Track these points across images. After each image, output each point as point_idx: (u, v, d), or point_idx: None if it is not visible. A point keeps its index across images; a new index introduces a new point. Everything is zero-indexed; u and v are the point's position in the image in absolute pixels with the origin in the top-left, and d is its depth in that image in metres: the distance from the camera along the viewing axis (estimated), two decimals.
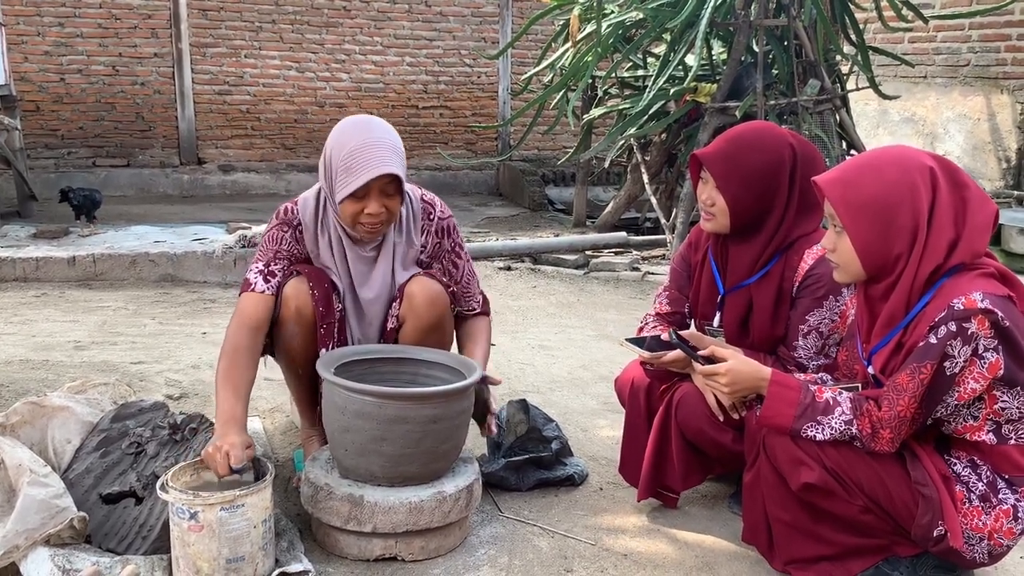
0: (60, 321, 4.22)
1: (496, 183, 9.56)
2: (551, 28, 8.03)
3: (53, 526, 1.93)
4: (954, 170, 1.89)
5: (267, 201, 8.30)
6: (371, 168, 2.23)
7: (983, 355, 1.79)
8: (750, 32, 5.85)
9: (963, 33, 7.38)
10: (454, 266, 2.57)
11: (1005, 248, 5.86)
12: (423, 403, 2.14)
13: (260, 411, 3.10)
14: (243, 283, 2.42)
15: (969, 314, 1.77)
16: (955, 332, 1.78)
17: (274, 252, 2.42)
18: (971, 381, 1.81)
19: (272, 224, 2.47)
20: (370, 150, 2.25)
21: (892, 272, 1.89)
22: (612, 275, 5.68)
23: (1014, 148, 7.10)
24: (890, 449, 1.89)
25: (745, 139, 2.29)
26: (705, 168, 2.32)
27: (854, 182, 1.89)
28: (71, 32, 8.19)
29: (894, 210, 1.84)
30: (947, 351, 1.79)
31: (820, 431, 1.91)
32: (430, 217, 2.52)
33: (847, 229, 1.89)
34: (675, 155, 6.60)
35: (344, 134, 2.32)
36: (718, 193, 2.29)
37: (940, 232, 1.84)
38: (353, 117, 2.40)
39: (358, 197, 2.27)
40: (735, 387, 2.02)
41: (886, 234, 1.85)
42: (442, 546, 2.21)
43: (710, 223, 2.35)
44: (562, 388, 3.53)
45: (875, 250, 1.87)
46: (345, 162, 2.26)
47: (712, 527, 2.41)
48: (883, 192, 1.85)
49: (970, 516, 1.88)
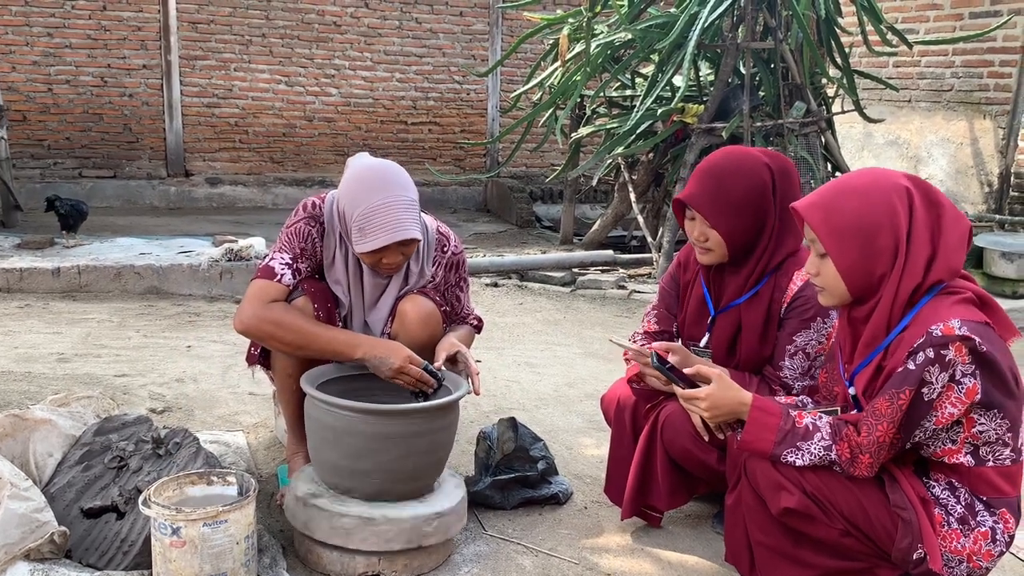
0: (43, 333, 4.19)
1: (484, 199, 9.58)
2: (540, 47, 8.07)
3: (33, 540, 1.91)
4: (929, 189, 1.92)
5: (254, 215, 8.29)
6: (386, 234, 2.22)
7: (960, 381, 1.81)
8: (737, 54, 5.91)
9: (947, 59, 7.48)
10: (457, 300, 2.59)
11: (987, 271, 5.91)
12: (407, 419, 2.14)
13: (244, 426, 3.09)
14: (264, 270, 2.33)
15: (947, 341, 1.79)
16: (933, 359, 1.80)
17: (301, 249, 2.37)
18: (948, 406, 1.83)
19: (299, 217, 2.41)
20: (386, 213, 2.22)
21: (875, 294, 1.91)
22: (599, 293, 5.70)
23: (996, 172, 7.19)
24: (869, 474, 1.91)
25: (725, 171, 2.29)
26: (691, 208, 2.34)
27: (833, 206, 1.91)
28: (60, 43, 8.17)
29: (875, 232, 1.87)
30: (925, 377, 1.80)
31: (800, 457, 1.92)
32: (443, 250, 2.53)
33: (830, 253, 1.91)
34: (662, 174, 6.65)
35: (359, 191, 2.26)
36: (710, 229, 2.29)
37: (918, 250, 1.87)
38: (367, 164, 2.33)
39: (375, 252, 2.27)
40: (715, 412, 2.02)
41: (869, 256, 1.88)
42: (425, 564, 2.21)
43: (707, 256, 2.35)
44: (548, 405, 3.53)
45: (859, 272, 1.90)
46: (359, 223, 2.24)
47: (696, 547, 2.41)
48: (863, 215, 1.87)
49: (949, 539, 1.90)
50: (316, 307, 2.34)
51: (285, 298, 2.34)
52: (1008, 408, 1.86)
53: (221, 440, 2.82)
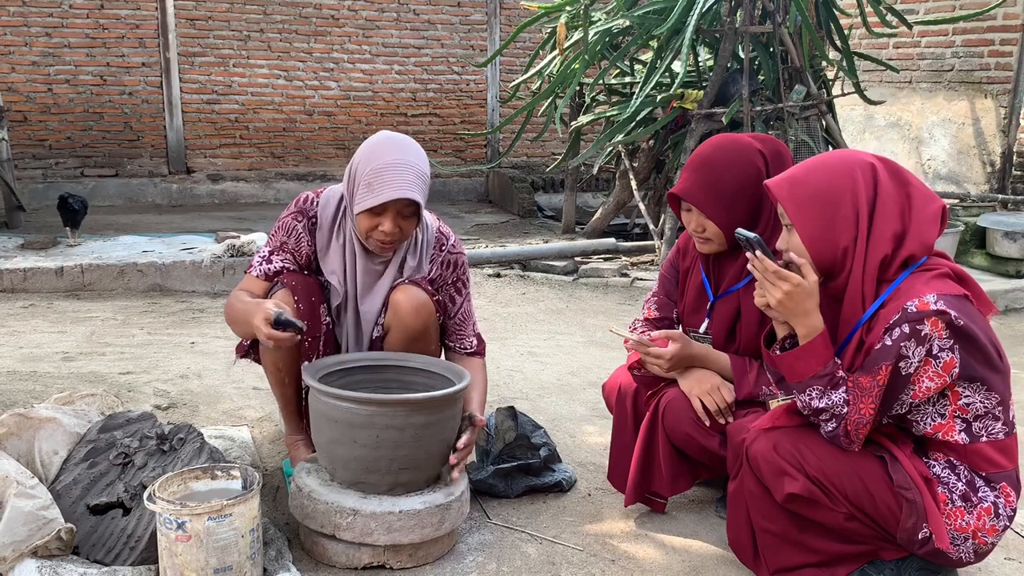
0: (48, 332, 4.21)
1: (485, 190, 9.57)
2: (539, 36, 8.05)
3: (40, 537, 1.93)
4: (897, 169, 1.95)
5: (256, 210, 8.30)
6: (392, 189, 2.25)
7: (937, 355, 1.82)
8: (736, 39, 5.89)
9: (947, 38, 7.45)
10: (451, 300, 2.57)
11: (990, 251, 5.89)
12: (412, 409, 2.15)
13: (248, 420, 3.10)
14: (250, 265, 2.52)
15: (922, 316, 1.80)
16: (908, 334, 1.81)
17: (280, 243, 2.46)
18: (926, 380, 1.84)
19: (289, 211, 2.48)
20: (396, 171, 2.26)
21: (843, 267, 1.93)
22: (601, 281, 5.70)
23: (998, 152, 7.16)
24: (856, 448, 1.92)
25: (718, 161, 2.28)
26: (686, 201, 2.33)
27: (799, 179, 1.95)
28: (59, 42, 8.17)
29: (835, 201, 1.90)
30: (902, 351, 1.82)
31: (819, 399, 1.90)
32: (441, 248, 2.54)
33: (794, 224, 1.94)
34: (663, 161, 6.63)
35: (375, 150, 2.32)
36: (707, 220, 2.30)
37: (884, 223, 1.89)
38: (390, 134, 2.39)
39: (375, 213, 2.29)
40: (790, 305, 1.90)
41: (830, 225, 1.90)
42: (430, 554, 2.22)
43: (706, 246, 2.35)
44: (551, 394, 3.54)
45: (820, 241, 1.91)
46: (368, 178, 2.27)
47: (699, 532, 2.42)
48: (824, 186, 1.91)
49: (953, 517, 1.91)
50: (297, 299, 2.37)
51: (263, 289, 2.43)
52: (992, 381, 1.87)
53: (225, 435, 2.83)
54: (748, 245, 1.94)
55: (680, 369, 2.36)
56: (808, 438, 1.97)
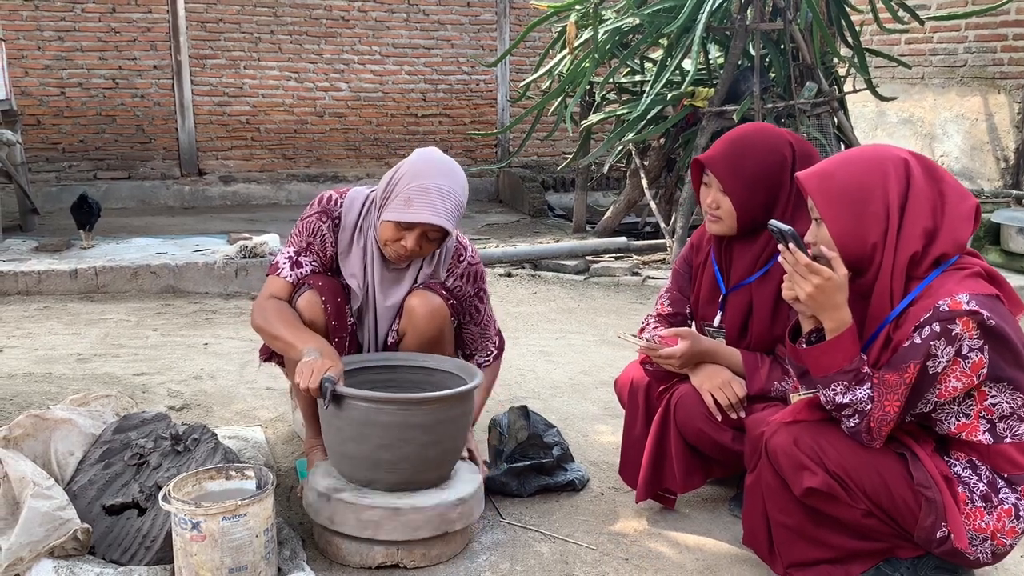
0: (62, 334, 4.24)
1: (496, 190, 9.57)
2: (548, 35, 8.05)
3: (57, 538, 1.94)
4: (931, 165, 1.93)
5: (268, 211, 8.33)
6: (429, 213, 2.25)
7: (967, 355, 1.80)
8: (746, 36, 5.87)
9: (959, 34, 7.40)
10: (476, 310, 2.59)
11: (1004, 248, 5.86)
12: (424, 408, 2.15)
13: (262, 421, 3.11)
14: (272, 265, 2.45)
15: (954, 315, 1.78)
16: (939, 333, 1.79)
17: (307, 243, 2.43)
18: (953, 380, 1.82)
19: (312, 211, 2.45)
20: (438, 196, 2.26)
21: (872, 263, 1.91)
22: (612, 280, 5.69)
23: (1012, 148, 7.11)
24: (878, 445, 1.91)
25: (747, 140, 2.31)
26: (708, 171, 2.34)
27: (830, 173, 1.94)
28: (71, 46, 8.22)
29: (866, 196, 1.88)
30: (931, 350, 1.80)
31: (844, 394, 1.88)
32: (459, 259, 2.53)
33: (824, 218, 1.92)
34: (674, 159, 6.62)
35: (425, 167, 2.31)
36: (723, 196, 2.30)
37: (915, 219, 1.87)
38: (443, 156, 2.37)
39: (402, 227, 2.29)
40: (820, 298, 1.88)
41: (860, 221, 1.89)
42: (444, 553, 2.22)
43: (716, 225, 2.36)
44: (563, 394, 3.54)
45: (849, 236, 1.90)
46: (410, 192, 2.26)
47: (713, 530, 2.41)
48: (855, 180, 1.90)
49: (973, 517, 1.89)
50: (324, 300, 2.36)
51: (290, 292, 2.39)
52: (1020, 382, 1.85)
53: (239, 435, 2.84)
54: (782, 237, 1.92)
55: (692, 365, 2.36)
56: (829, 433, 1.96)
